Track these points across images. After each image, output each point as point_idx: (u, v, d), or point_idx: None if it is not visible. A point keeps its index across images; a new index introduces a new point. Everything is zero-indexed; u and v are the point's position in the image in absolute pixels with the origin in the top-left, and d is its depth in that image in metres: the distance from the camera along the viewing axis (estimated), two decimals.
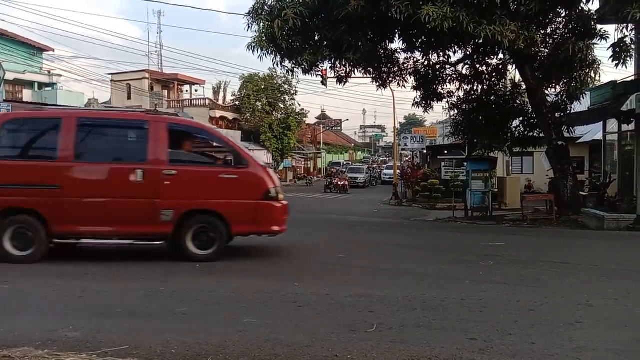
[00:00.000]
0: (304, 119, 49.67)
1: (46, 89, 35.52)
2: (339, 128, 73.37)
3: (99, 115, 9.11)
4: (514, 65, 15.45)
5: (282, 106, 46.18)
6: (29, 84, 35.01)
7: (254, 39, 13.27)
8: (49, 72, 36.43)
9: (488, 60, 16.22)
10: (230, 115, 45.01)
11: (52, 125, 7.74)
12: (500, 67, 16.31)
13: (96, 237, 7.66)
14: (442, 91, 16.78)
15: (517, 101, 16.53)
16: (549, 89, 15.60)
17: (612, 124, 16.00)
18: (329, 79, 18.33)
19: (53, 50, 37.27)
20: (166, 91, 46.10)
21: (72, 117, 7.83)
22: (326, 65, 15.43)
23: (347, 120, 74.44)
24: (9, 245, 7.27)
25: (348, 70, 15.11)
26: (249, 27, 13.55)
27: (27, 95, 33.59)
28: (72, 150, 7.49)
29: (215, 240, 7.52)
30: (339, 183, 33.77)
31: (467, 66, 16.25)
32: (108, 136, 8.12)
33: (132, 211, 7.42)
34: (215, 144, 8.38)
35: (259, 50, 13.28)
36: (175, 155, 7.67)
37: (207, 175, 7.76)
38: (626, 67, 12.57)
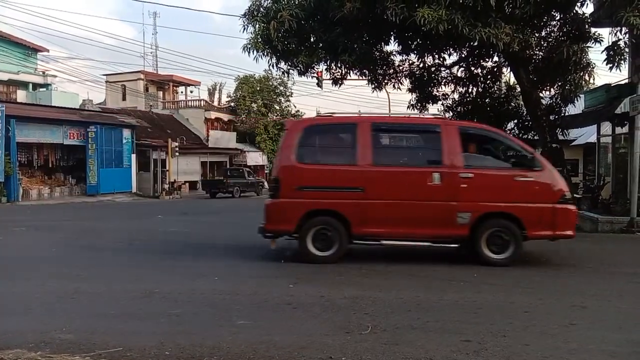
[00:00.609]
0: None
1: (40, 89, 35.38)
2: None
3: (392, 120, 9.28)
4: (509, 68, 15.43)
5: (277, 108, 46.22)
6: (23, 85, 34.86)
7: (250, 40, 13.22)
8: (43, 72, 36.30)
9: (483, 63, 16.20)
10: (225, 117, 44.91)
11: (349, 130, 7.99)
12: (495, 69, 16.31)
13: (393, 239, 7.76)
14: (437, 93, 16.75)
15: (512, 104, 16.52)
16: (543, 92, 15.59)
17: (606, 127, 16.07)
18: (324, 81, 18.31)
19: (48, 50, 37.23)
20: (161, 92, 46.02)
21: (367, 123, 8.02)
22: (322, 67, 15.36)
23: None
24: (311, 245, 7.51)
25: (343, 72, 15.07)
26: (244, 29, 13.50)
27: (21, 95, 33.41)
28: (370, 154, 7.67)
29: (509, 244, 7.53)
30: None
31: (462, 69, 16.23)
32: (402, 140, 8.39)
33: (430, 213, 7.55)
34: (507, 147, 8.40)
35: (255, 51, 13.24)
36: (468, 158, 7.77)
37: (502, 178, 7.81)
38: (620, 70, 12.60)
